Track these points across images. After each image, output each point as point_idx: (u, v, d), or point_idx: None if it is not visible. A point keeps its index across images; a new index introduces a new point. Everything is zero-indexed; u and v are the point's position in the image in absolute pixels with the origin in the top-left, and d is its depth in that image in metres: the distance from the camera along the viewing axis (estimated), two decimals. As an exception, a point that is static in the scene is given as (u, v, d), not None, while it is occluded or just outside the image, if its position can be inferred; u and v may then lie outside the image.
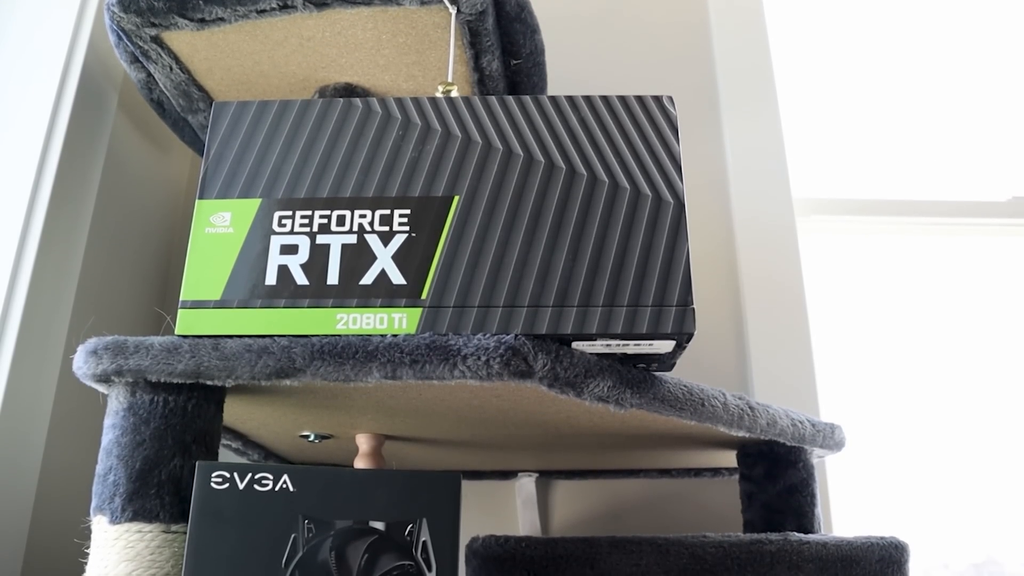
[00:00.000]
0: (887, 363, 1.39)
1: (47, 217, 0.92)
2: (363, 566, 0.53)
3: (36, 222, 0.92)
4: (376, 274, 0.58)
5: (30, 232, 0.91)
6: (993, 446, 1.36)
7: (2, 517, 0.83)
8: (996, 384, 1.39)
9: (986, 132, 1.59)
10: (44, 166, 0.94)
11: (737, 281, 1.27)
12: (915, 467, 1.34)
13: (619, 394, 0.60)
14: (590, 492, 1.16)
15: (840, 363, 1.37)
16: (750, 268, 1.26)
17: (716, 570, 0.69)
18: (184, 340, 0.57)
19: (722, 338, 1.24)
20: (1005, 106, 1.61)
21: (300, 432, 0.81)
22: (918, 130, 1.58)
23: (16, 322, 0.87)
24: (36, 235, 0.91)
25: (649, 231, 0.58)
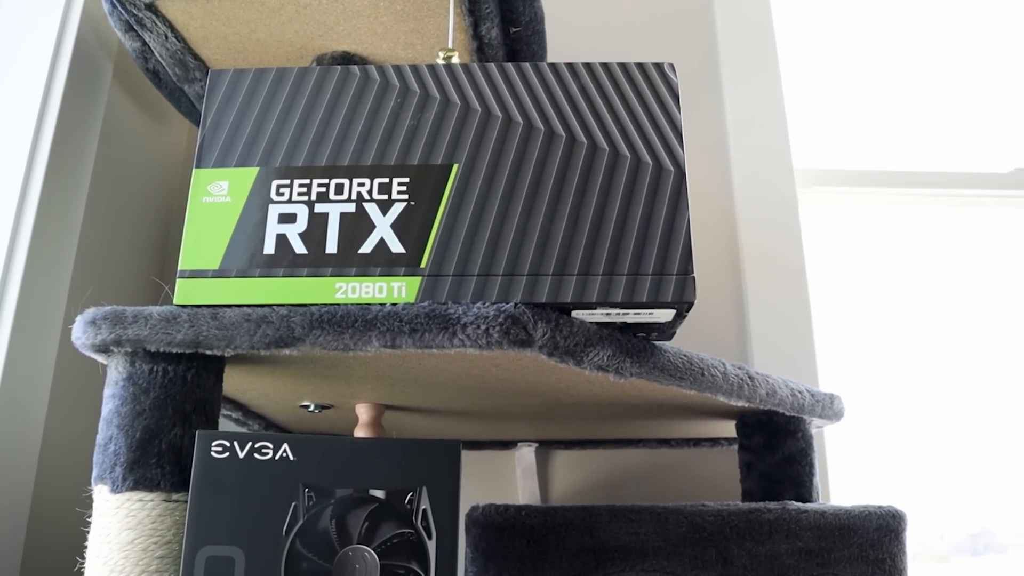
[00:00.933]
0: (886, 334, 1.39)
1: (43, 188, 0.91)
2: (363, 534, 0.53)
3: (32, 193, 0.91)
4: (375, 243, 0.57)
5: (27, 203, 0.91)
6: (989, 418, 1.36)
7: (5, 487, 0.83)
8: (994, 356, 1.39)
9: (988, 103, 1.58)
10: (39, 137, 0.93)
11: (737, 252, 1.27)
12: (912, 438, 1.34)
13: (619, 363, 0.60)
14: (589, 462, 1.17)
15: (839, 334, 1.38)
16: (750, 239, 1.25)
17: (715, 538, 0.69)
18: (183, 310, 0.57)
19: (722, 308, 1.24)
20: (1008, 77, 1.60)
21: (300, 402, 0.81)
22: (920, 101, 1.57)
23: (14, 293, 0.87)
24: (33, 206, 0.90)
25: (650, 199, 0.58)
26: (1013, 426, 1.36)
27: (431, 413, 0.87)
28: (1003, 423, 1.36)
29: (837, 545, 0.72)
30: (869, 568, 0.72)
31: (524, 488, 1.11)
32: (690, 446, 1.11)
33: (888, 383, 1.36)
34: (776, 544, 0.70)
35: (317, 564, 0.53)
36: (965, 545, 1.32)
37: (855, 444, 1.32)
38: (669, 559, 0.68)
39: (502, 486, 1.14)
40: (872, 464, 1.32)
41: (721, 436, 1.08)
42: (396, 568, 0.53)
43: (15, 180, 0.91)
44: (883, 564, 0.72)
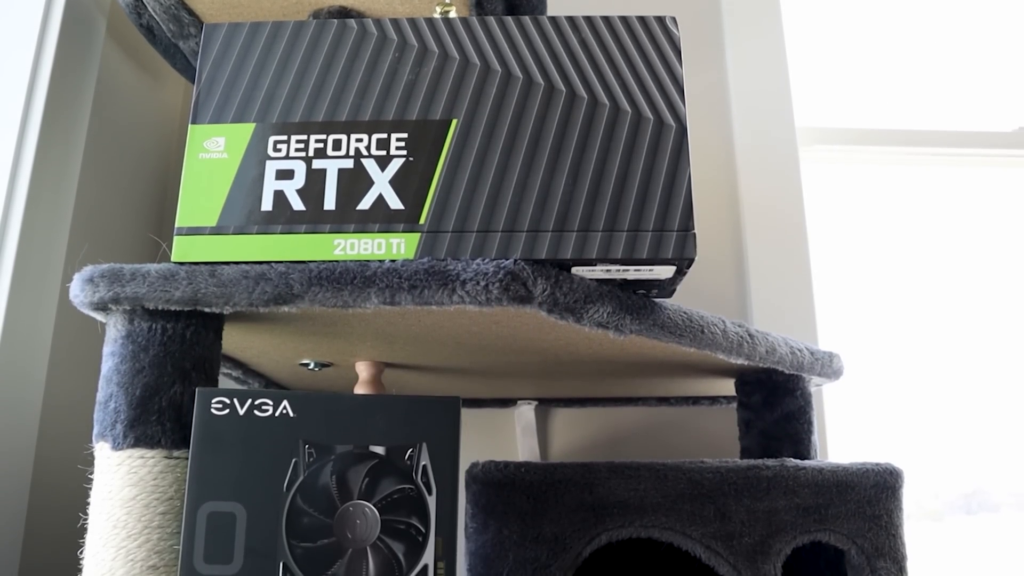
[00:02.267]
0: (886, 294, 1.39)
1: (38, 147, 0.91)
2: (364, 490, 0.53)
3: (28, 153, 0.90)
4: (373, 199, 0.57)
5: (22, 163, 0.90)
6: (986, 379, 1.37)
7: (7, 445, 0.84)
8: (993, 317, 1.39)
9: (993, 61, 1.56)
10: (33, 96, 0.92)
11: (738, 210, 1.26)
12: (908, 398, 1.35)
13: (619, 320, 0.60)
14: (589, 420, 1.17)
15: (839, 293, 1.37)
16: (751, 196, 1.25)
17: (713, 495, 0.70)
18: (181, 267, 0.57)
19: (722, 266, 1.24)
20: (1013, 35, 1.58)
21: (300, 360, 0.81)
22: (924, 59, 1.55)
23: (12, 252, 0.87)
24: (28, 165, 0.90)
25: (650, 155, 0.57)
26: (1007, 387, 1.37)
27: (431, 371, 0.88)
28: (998, 384, 1.37)
29: (834, 501, 0.72)
30: (866, 524, 0.72)
31: (524, 446, 1.12)
32: (689, 404, 1.12)
33: (886, 343, 1.37)
34: (774, 500, 0.71)
35: (318, 519, 0.53)
36: (959, 504, 1.34)
37: (853, 403, 1.33)
38: (668, 515, 0.69)
39: (502, 444, 1.15)
40: (868, 424, 1.33)
41: (720, 394, 1.09)
42: (397, 523, 0.53)
43: (9, 139, 0.90)
44: (879, 520, 0.73)
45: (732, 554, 0.69)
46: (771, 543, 0.70)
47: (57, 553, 0.89)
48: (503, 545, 0.66)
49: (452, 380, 0.94)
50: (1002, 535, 1.33)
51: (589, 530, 0.68)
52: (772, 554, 0.69)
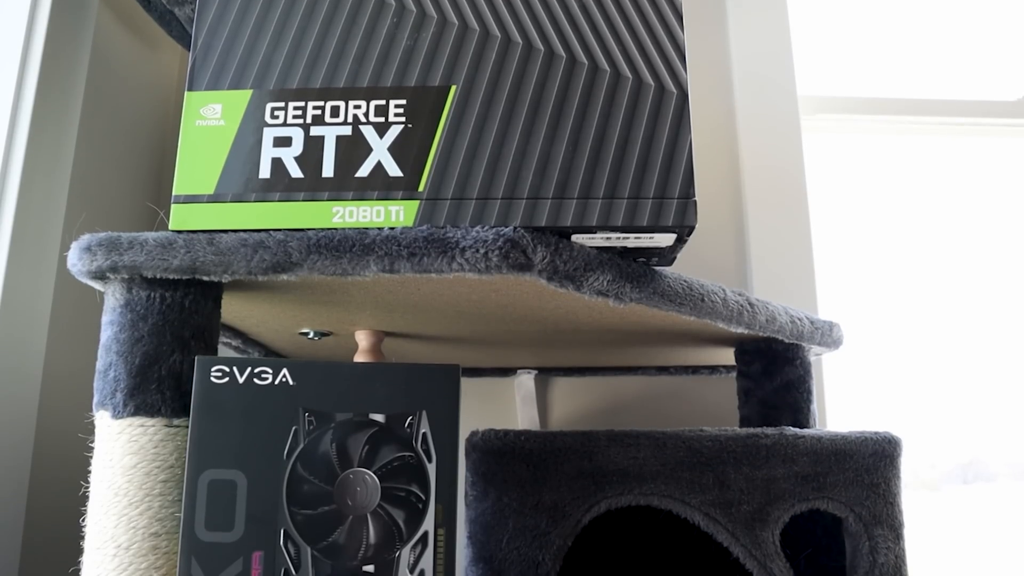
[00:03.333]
0: (887, 263, 1.38)
1: (33, 116, 0.90)
2: (364, 457, 0.54)
3: (22, 122, 0.90)
4: (372, 166, 0.56)
5: (17, 131, 0.89)
6: (984, 350, 1.37)
7: (8, 415, 0.84)
8: (994, 288, 1.39)
9: (995, 30, 1.54)
10: (27, 66, 0.91)
11: (739, 178, 1.25)
12: (908, 369, 1.35)
13: (619, 288, 0.59)
14: (589, 389, 1.17)
15: (840, 262, 1.37)
16: (752, 165, 1.24)
17: (712, 463, 0.70)
18: (178, 235, 0.57)
19: (722, 235, 1.23)
20: (1016, 4, 1.56)
21: (299, 330, 0.81)
22: (927, 28, 1.53)
23: (9, 222, 0.86)
24: (23, 134, 0.89)
25: (651, 121, 0.57)
26: (1004, 359, 1.37)
27: (430, 340, 0.88)
28: (995, 355, 1.37)
29: (833, 469, 0.72)
30: (864, 492, 0.73)
31: (523, 415, 1.12)
32: (689, 373, 1.12)
33: (885, 313, 1.37)
34: (773, 468, 0.71)
35: (318, 487, 0.53)
36: (956, 474, 1.34)
37: (851, 373, 1.33)
38: (667, 483, 0.69)
39: (502, 413, 1.15)
40: (866, 394, 1.33)
41: (720, 364, 1.09)
42: (397, 490, 0.54)
43: (4, 109, 0.89)
44: (878, 488, 0.73)
45: (731, 521, 0.69)
46: (769, 511, 0.70)
47: (59, 521, 0.89)
48: (503, 513, 0.67)
49: (452, 349, 0.94)
50: (998, 505, 1.34)
51: (588, 498, 0.68)
52: (770, 522, 0.70)
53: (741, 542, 0.69)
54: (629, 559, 1.00)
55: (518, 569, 0.66)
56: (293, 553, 0.52)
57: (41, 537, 0.87)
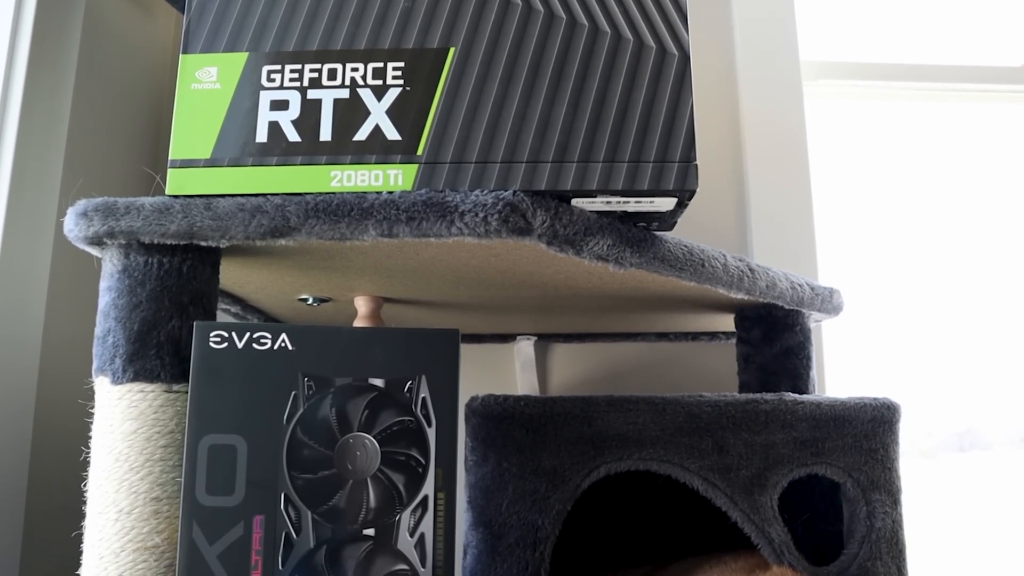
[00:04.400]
0: (888, 230, 1.38)
1: (27, 81, 0.89)
2: (363, 422, 0.54)
3: (16, 87, 0.89)
4: (370, 130, 0.56)
5: (10, 98, 0.88)
6: (981, 318, 1.37)
7: (8, 381, 0.84)
8: (994, 256, 1.39)
9: (1002, -9, 1.52)
10: (19, 32, 0.90)
11: (740, 143, 1.25)
12: (906, 337, 1.35)
13: (619, 253, 0.59)
14: (588, 355, 1.18)
15: (841, 229, 1.37)
16: (754, 130, 1.23)
17: (711, 428, 0.70)
18: (175, 200, 0.56)
19: (723, 201, 1.23)
20: (1024, -38, 1.54)
21: (298, 296, 0.81)
22: (932, -12, 1.51)
23: (5, 188, 0.86)
24: (17, 100, 0.88)
25: (652, 84, 0.56)
26: (1002, 327, 1.37)
27: (430, 306, 0.87)
28: (992, 324, 1.37)
29: (831, 435, 0.72)
30: (862, 457, 0.73)
31: (523, 381, 1.13)
32: (688, 340, 1.12)
33: (886, 280, 1.36)
34: (771, 434, 0.71)
35: (318, 451, 0.53)
36: (952, 442, 1.35)
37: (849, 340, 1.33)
38: (666, 448, 0.69)
39: (501, 379, 1.16)
40: (864, 361, 1.33)
41: (719, 330, 1.09)
42: (396, 455, 0.54)
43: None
44: (876, 454, 0.73)
45: (729, 486, 0.70)
46: (768, 476, 0.70)
47: (61, 487, 0.90)
48: (503, 477, 0.67)
49: (451, 315, 0.94)
50: (994, 472, 1.35)
51: (588, 463, 0.68)
52: (769, 487, 0.70)
53: (739, 507, 0.69)
54: (628, 523, 1.00)
55: (518, 533, 0.66)
56: (294, 517, 0.53)
57: (44, 503, 0.87)
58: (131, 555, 0.54)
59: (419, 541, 0.53)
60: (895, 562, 0.72)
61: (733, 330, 0.98)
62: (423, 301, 0.84)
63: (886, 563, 0.71)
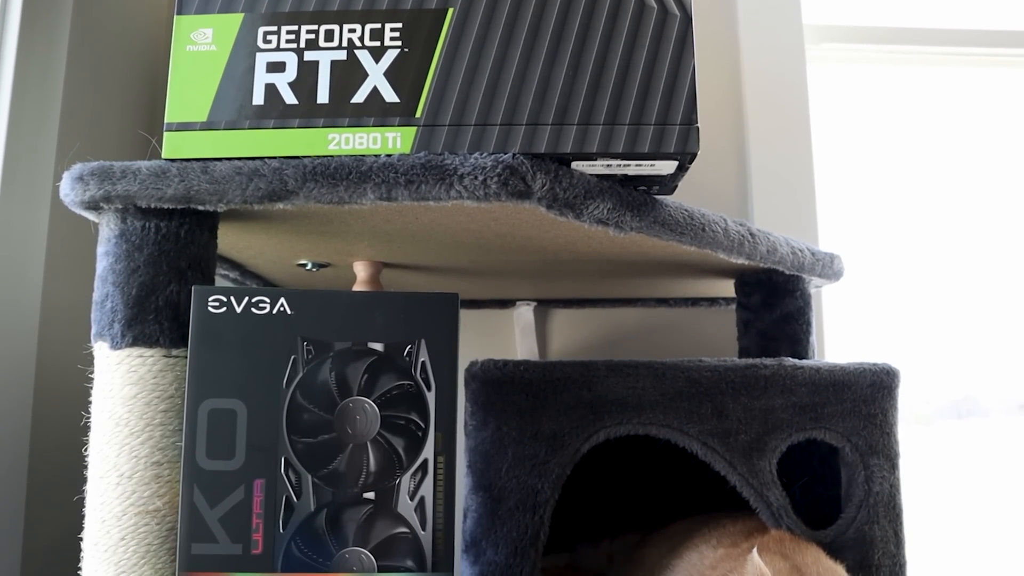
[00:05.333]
0: (890, 197, 1.37)
1: (20, 43, 0.88)
2: (363, 386, 0.54)
3: (8, 50, 0.88)
4: (368, 92, 0.55)
5: (3, 61, 0.87)
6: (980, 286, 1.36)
7: (8, 347, 0.84)
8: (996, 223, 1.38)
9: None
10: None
11: (741, 107, 1.24)
12: (905, 303, 1.35)
13: (619, 216, 0.59)
14: (588, 321, 1.18)
15: (842, 194, 1.36)
16: (755, 94, 1.22)
17: (711, 393, 0.70)
18: (172, 164, 0.56)
19: (723, 164, 1.22)
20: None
21: (297, 261, 0.80)
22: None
23: (0, 153, 0.85)
24: (10, 64, 0.87)
25: (654, 45, 0.55)
26: (1000, 295, 1.36)
27: (429, 271, 0.87)
28: (991, 292, 1.36)
29: (831, 400, 0.73)
30: (861, 423, 0.73)
31: (523, 346, 1.13)
32: (688, 305, 1.12)
33: (886, 246, 1.36)
34: (771, 399, 0.71)
35: (318, 415, 0.53)
36: (950, 409, 1.36)
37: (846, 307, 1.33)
38: (665, 413, 0.70)
39: (501, 345, 1.16)
40: (862, 329, 1.33)
41: (719, 296, 1.09)
42: (396, 418, 0.54)
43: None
44: (875, 419, 0.73)
45: (728, 451, 0.70)
46: (767, 440, 0.71)
47: (62, 451, 0.90)
48: (502, 442, 0.67)
49: (451, 280, 0.94)
50: (991, 439, 1.36)
51: (587, 427, 0.68)
52: (767, 451, 0.70)
53: (738, 471, 0.70)
54: (627, 488, 1.01)
55: (517, 497, 0.67)
56: (294, 481, 0.53)
57: (46, 468, 0.88)
58: (133, 519, 0.54)
59: (419, 504, 0.53)
60: (892, 526, 0.72)
61: (733, 295, 0.98)
62: (422, 266, 0.84)
63: (883, 527, 0.71)
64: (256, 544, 0.52)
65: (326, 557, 0.53)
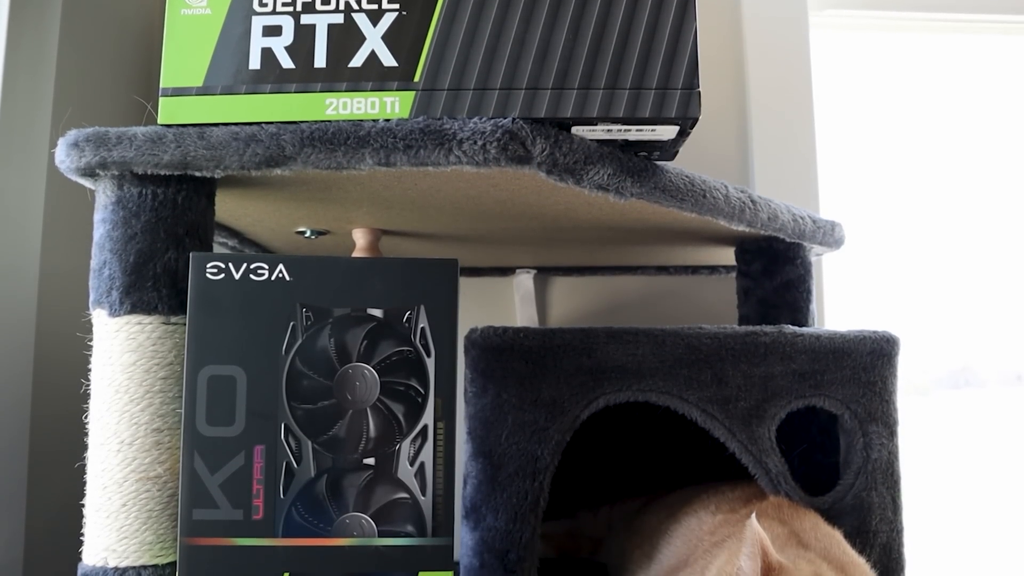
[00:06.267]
0: (891, 165, 1.36)
1: (11, 9, 0.87)
2: (362, 352, 0.54)
3: (1, 13, 0.87)
4: (366, 56, 0.55)
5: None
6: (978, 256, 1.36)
7: (9, 314, 0.84)
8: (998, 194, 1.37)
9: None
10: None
11: (743, 74, 1.22)
12: (903, 274, 1.34)
13: (619, 182, 0.58)
14: (588, 288, 1.17)
15: (843, 162, 1.35)
16: (757, 60, 1.21)
17: (711, 360, 0.70)
18: (168, 129, 0.55)
19: (724, 131, 1.21)
20: None
21: (296, 228, 0.80)
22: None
23: (-6, 120, 0.85)
24: (2, 28, 0.86)
25: (655, 8, 0.54)
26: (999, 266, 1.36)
27: (429, 238, 0.87)
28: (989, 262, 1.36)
29: (830, 367, 0.73)
30: (860, 390, 0.73)
31: (522, 314, 1.13)
32: (688, 273, 1.12)
33: (886, 216, 1.35)
34: (771, 366, 0.71)
35: (317, 381, 0.53)
36: (947, 380, 1.36)
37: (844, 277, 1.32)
38: (665, 379, 0.70)
39: (500, 313, 1.16)
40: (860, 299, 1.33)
41: (720, 264, 1.09)
42: (396, 384, 0.54)
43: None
44: (874, 386, 0.73)
45: (728, 418, 0.70)
46: (766, 407, 0.71)
47: (63, 418, 0.90)
48: (502, 409, 0.67)
49: (450, 247, 0.94)
50: (987, 410, 1.36)
51: (587, 394, 0.68)
52: (767, 418, 0.70)
53: (737, 438, 0.70)
54: (627, 455, 1.02)
55: (517, 463, 0.67)
56: (294, 447, 0.53)
57: (47, 435, 0.88)
58: (134, 485, 0.54)
59: (419, 470, 0.54)
60: (890, 492, 0.72)
61: (733, 263, 0.97)
62: (422, 233, 0.84)
63: (881, 493, 0.72)
64: (257, 510, 0.53)
65: (327, 522, 0.53)
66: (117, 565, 0.54)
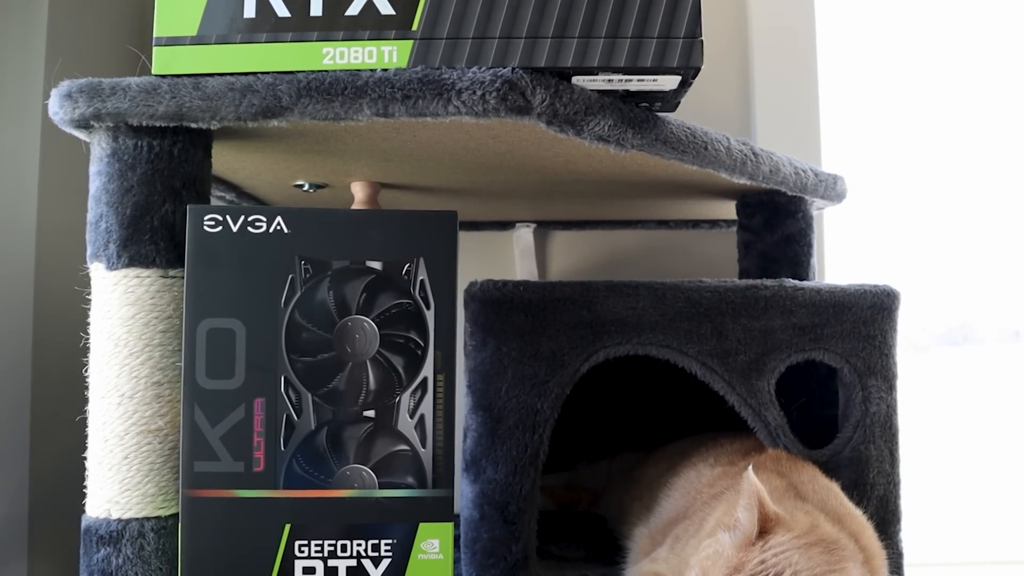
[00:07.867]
0: (894, 118, 1.35)
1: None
2: (362, 305, 0.53)
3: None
4: (363, 4, 0.54)
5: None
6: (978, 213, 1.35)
7: (7, 269, 0.83)
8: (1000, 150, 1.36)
9: None
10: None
11: (745, 22, 1.20)
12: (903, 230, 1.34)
13: (620, 133, 0.58)
14: (588, 242, 1.17)
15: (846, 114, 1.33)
16: (760, 9, 1.19)
17: (711, 313, 0.70)
18: (163, 80, 0.55)
19: (726, 82, 1.20)
20: None
21: (294, 181, 0.79)
22: None
23: (-13, 72, 0.84)
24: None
25: (658, -46, 0.53)
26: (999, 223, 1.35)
27: (428, 191, 0.86)
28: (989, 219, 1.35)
29: (830, 321, 0.72)
30: (860, 344, 0.73)
31: (522, 268, 1.12)
32: (689, 227, 1.11)
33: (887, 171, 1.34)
34: (771, 320, 0.71)
35: (317, 334, 0.53)
36: (945, 336, 1.36)
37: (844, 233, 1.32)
38: (665, 333, 0.70)
39: (500, 267, 1.15)
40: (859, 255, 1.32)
41: (720, 218, 1.08)
42: (395, 337, 0.54)
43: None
44: (874, 340, 0.73)
45: (727, 371, 0.70)
46: (766, 361, 0.71)
47: (64, 372, 0.91)
48: (502, 362, 0.67)
49: (450, 201, 0.93)
50: (986, 367, 1.37)
51: (587, 347, 0.68)
52: (766, 372, 0.71)
53: (737, 391, 0.70)
54: (627, 408, 1.02)
55: (517, 416, 0.67)
56: (294, 399, 0.53)
57: (48, 389, 0.88)
58: (135, 438, 0.55)
59: (419, 422, 0.54)
60: (888, 446, 0.73)
61: (734, 218, 0.97)
62: (421, 186, 0.83)
63: (879, 446, 0.72)
64: (258, 462, 0.53)
65: (327, 474, 0.53)
66: (120, 516, 0.54)
